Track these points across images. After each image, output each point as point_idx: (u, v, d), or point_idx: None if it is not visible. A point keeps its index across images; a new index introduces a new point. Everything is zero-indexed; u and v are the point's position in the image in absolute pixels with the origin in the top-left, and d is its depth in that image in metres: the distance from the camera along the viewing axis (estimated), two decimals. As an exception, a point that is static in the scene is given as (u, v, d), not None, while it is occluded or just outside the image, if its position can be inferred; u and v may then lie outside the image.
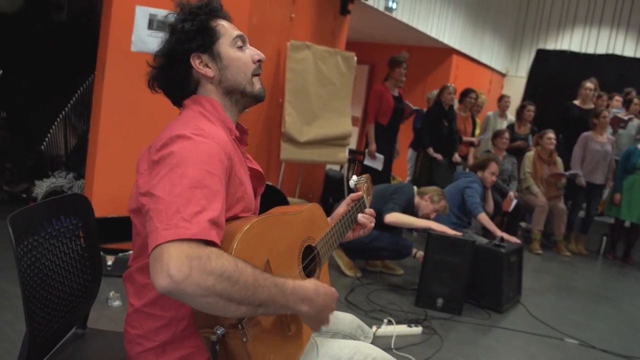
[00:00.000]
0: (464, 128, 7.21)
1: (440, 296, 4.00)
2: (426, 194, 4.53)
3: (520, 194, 6.63)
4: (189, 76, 1.45)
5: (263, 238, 1.30)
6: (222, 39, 1.46)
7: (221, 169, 1.25)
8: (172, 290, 1.07)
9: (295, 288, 1.25)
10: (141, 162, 1.37)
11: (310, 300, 1.28)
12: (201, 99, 1.44)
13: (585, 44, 10.72)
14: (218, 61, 1.45)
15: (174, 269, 1.06)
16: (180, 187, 1.16)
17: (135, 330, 1.38)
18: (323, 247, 1.57)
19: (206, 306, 1.11)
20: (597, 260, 6.82)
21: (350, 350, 1.52)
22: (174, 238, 1.09)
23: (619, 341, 3.98)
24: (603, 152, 6.64)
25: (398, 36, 8.83)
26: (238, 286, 1.12)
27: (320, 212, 1.61)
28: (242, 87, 1.47)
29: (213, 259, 1.10)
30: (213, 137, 1.29)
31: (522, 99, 10.24)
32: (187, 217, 1.12)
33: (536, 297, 4.74)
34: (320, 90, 5.45)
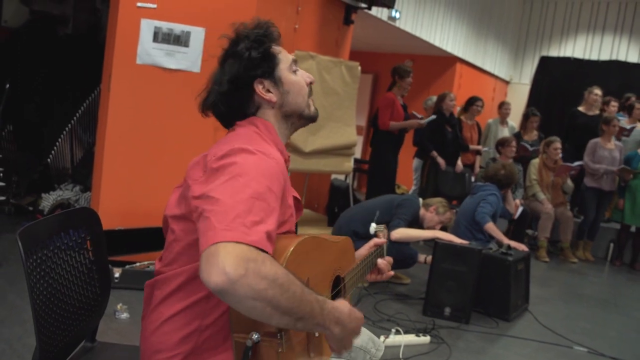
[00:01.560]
0: (470, 136, 7.22)
1: (447, 305, 3.99)
2: (431, 206, 4.53)
3: (526, 201, 6.62)
4: (250, 101, 1.48)
5: (308, 256, 1.33)
6: (281, 64, 1.49)
7: (279, 189, 1.27)
8: (225, 288, 1.06)
9: (334, 308, 1.25)
10: (193, 170, 1.36)
11: (344, 323, 1.28)
12: (256, 121, 1.47)
13: (589, 51, 10.72)
14: (280, 86, 1.48)
15: (230, 268, 1.05)
16: (243, 194, 1.17)
17: (156, 346, 1.38)
18: (350, 281, 1.60)
19: (252, 310, 1.10)
20: (605, 266, 6.79)
21: None
22: (235, 240, 1.09)
23: (628, 348, 3.95)
24: (611, 159, 6.62)
25: (402, 45, 8.86)
26: (287, 295, 1.12)
27: (352, 246, 1.66)
28: (302, 110, 1.51)
29: (268, 263, 1.10)
30: (274, 156, 1.31)
31: (526, 106, 10.23)
32: (248, 224, 1.13)
33: (544, 305, 4.72)
34: (324, 100, 5.46)
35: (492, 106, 10.20)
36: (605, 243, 7.10)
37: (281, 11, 5.01)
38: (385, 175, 6.21)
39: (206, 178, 1.27)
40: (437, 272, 4.04)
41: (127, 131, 3.99)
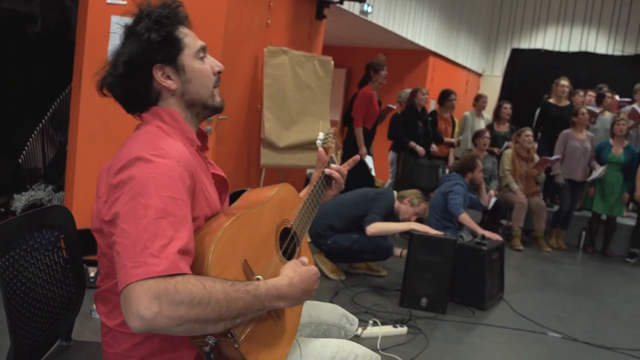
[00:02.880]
0: (445, 129, 7.29)
1: (424, 296, 4.04)
2: (406, 198, 4.57)
3: (499, 192, 6.71)
4: (149, 87, 1.41)
5: (236, 240, 1.31)
6: (186, 50, 1.41)
7: (184, 191, 1.24)
8: (146, 329, 1.09)
9: (269, 289, 1.26)
10: (100, 183, 1.34)
11: (285, 296, 1.29)
12: (160, 111, 1.41)
13: (559, 42, 10.89)
14: (182, 74, 1.40)
15: (143, 309, 1.07)
16: (146, 219, 1.15)
17: (113, 349, 1.38)
18: (299, 225, 1.58)
19: (184, 333, 1.13)
20: (577, 254, 6.93)
21: (332, 349, 1.53)
22: (144, 277, 1.09)
23: (601, 333, 4.05)
24: (583, 149, 6.75)
25: (374, 39, 8.89)
26: (211, 306, 1.13)
27: (290, 191, 1.61)
28: (205, 100, 1.45)
29: (180, 289, 1.10)
30: (173, 155, 1.27)
31: (499, 98, 10.35)
32: (155, 252, 1.12)
33: (519, 293, 4.80)
34: (298, 94, 5.46)
35: (465, 99, 10.32)
36: (577, 231, 7.23)
37: (253, 6, 4.99)
38: (361, 169, 6.24)
39: (109, 196, 1.25)
40: (413, 263, 4.09)
41: (99, 129, 3.95)
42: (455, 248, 4.10)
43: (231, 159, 4.98)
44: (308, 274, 1.37)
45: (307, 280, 1.36)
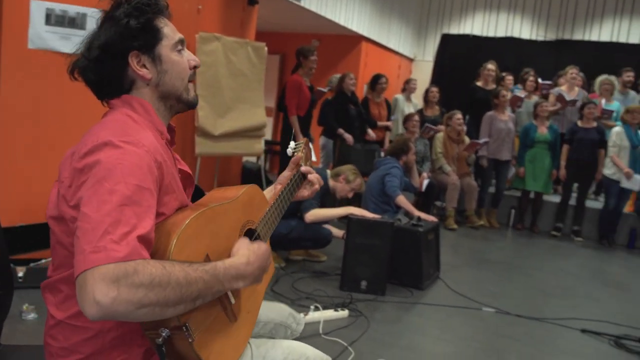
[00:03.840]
0: (379, 113, 7.38)
1: (363, 279, 4.09)
2: (341, 175, 4.60)
3: (433, 174, 6.88)
4: (123, 74, 1.37)
5: (200, 234, 1.29)
6: (164, 41, 1.38)
7: (152, 181, 1.21)
8: (103, 316, 1.05)
9: (227, 268, 1.24)
10: (63, 168, 1.28)
11: (244, 275, 1.28)
12: (132, 100, 1.37)
13: (486, 28, 11.21)
14: (158, 64, 1.38)
15: (100, 295, 1.03)
16: (110, 204, 1.11)
17: (59, 342, 1.32)
18: (264, 227, 1.58)
19: (143, 317, 1.09)
20: (508, 231, 7.21)
21: (283, 351, 1.53)
22: (104, 262, 1.06)
23: (531, 306, 4.23)
24: (507, 130, 7.02)
25: (307, 25, 8.87)
26: (171, 287, 1.10)
27: (258, 192, 1.61)
28: (179, 93, 1.42)
29: (140, 270, 1.07)
30: (143, 144, 1.23)
31: (430, 82, 10.57)
32: (117, 238, 1.09)
33: (454, 272, 4.95)
34: (232, 82, 5.39)
35: (398, 83, 10.47)
36: (507, 209, 7.52)
37: (182, -9, 4.87)
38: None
39: (73, 180, 1.21)
40: (352, 247, 4.13)
41: (24, 121, 3.76)
42: (393, 230, 4.18)
43: (165, 149, 4.87)
44: (261, 250, 1.37)
45: (262, 256, 1.36)
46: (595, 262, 6.03)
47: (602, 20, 10.45)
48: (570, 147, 6.90)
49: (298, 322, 1.90)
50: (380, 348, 3.17)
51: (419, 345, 3.31)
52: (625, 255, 6.53)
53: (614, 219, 6.88)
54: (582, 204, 7.06)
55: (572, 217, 7.15)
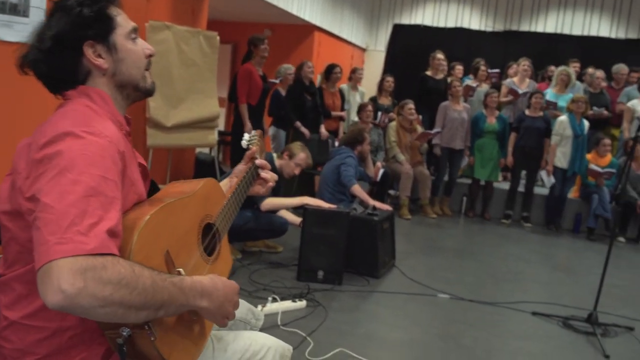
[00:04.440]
0: (333, 103, 7.39)
1: (320, 268, 4.11)
2: (285, 152, 4.58)
3: (387, 163, 6.94)
4: (78, 65, 1.32)
5: (160, 230, 1.26)
6: (119, 30, 1.35)
7: (115, 172, 1.18)
8: (66, 306, 1.00)
9: (194, 283, 1.22)
10: (18, 160, 1.23)
11: (209, 294, 1.26)
12: (89, 91, 1.32)
13: (437, 18, 11.36)
14: (114, 53, 1.34)
15: (66, 283, 0.99)
16: (74, 195, 1.07)
17: (12, 344, 1.26)
18: (222, 222, 1.56)
19: (104, 317, 1.06)
20: (460, 219, 7.36)
21: (245, 342, 1.52)
22: (72, 254, 1.02)
23: (484, 291, 4.34)
24: (460, 120, 7.14)
25: (260, 14, 8.78)
26: (137, 291, 1.07)
27: (216, 186, 1.59)
28: (136, 82, 1.39)
29: (109, 267, 1.04)
30: (106, 135, 1.20)
31: (382, 72, 10.65)
32: (84, 230, 1.05)
33: (409, 259, 5.02)
34: (184, 72, 5.29)
35: (351, 73, 10.52)
36: (459, 197, 7.68)
37: (131, -21, 4.74)
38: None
39: (30, 171, 1.16)
40: (308, 237, 4.14)
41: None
42: (349, 220, 4.20)
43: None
44: (230, 282, 1.35)
45: (230, 286, 1.34)
46: (543, 247, 6.23)
47: (547, 12, 10.75)
48: (517, 135, 7.09)
49: (257, 318, 1.89)
50: (338, 337, 3.19)
51: (377, 333, 3.35)
52: (571, 239, 6.77)
53: (560, 204, 7.12)
54: (530, 191, 7.27)
55: (521, 204, 7.35)
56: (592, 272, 5.14)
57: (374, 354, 3.01)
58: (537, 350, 3.35)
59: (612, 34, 10.44)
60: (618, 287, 4.76)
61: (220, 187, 1.62)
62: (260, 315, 1.91)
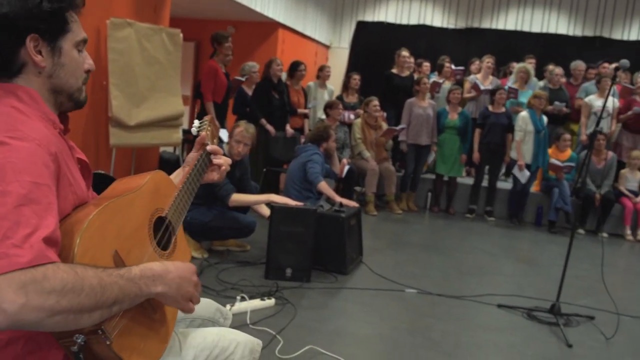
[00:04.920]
0: (297, 100, 7.38)
1: (288, 266, 4.10)
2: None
3: (352, 160, 6.97)
4: (15, 54, 1.25)
5: (105, 230, 1.22)
6: (69, 35, 1.30)
7: (48, 176, 1.13)
8: (11, 324, 0.97)
9: (143, 271, 1.20)
10: None
11: (161, 277, 1.24)
12: (17, 90, 1.25)
13: (400, 15, 11.45)
14: (56, 56, 1.28)
15: (6, 302, 0.96)
16: (5, 207, 1.03)
17: None
18: (174, 214, 1.51)
19: (56, 326, 1.03)
20: (425, 214, 7.44)
21: (214, 338, 1.50)
22: (7, 270, 0.98)
23: (450, 284, 4.40)
24: (425, 116, 7.22)
25: (223, 11, 8.71)
26: (85, 293, 1.04)
27: (164, 178, 1.54)
28: (72, 92, 1.34)
29: (50, 275, 1.01)
30: (34, 138, 1.14)
31: (347, 69, 10.68)
32: (19, 242, 1.01)
33: (376, 255, 5.05)
34: (146, 70, 5.21)
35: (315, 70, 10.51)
36: (424, 193, 7.76)
37: (90, -25, 4.64)
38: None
39: None
40: (276, 235, 4.12)
41: None
42: (316, 217, 4.20)
43: (77, 141, 4.64)
44: (183, 264, 1.33)
45: (183, 267, 1.31)
46: (506, 240, 6.35)
47: (507, 9, 10.95)
48: (482, 131, 7.20)
49: (225, 317, 1.87)
50: (308, 335, 3.19)
51: (346, 329, 3.36)
52: (533, 232, 6.92)
53: (522, 198, 7.27)
54: (493, 186, 7.40)
55: (484, 199, 7.48)
56: (554, 264, 5.27)
57: (343, 351, 3.02)
58: (503, 341, 3.42)
59: (570, 32, 10.70)
60: (579, 277, 4.89)
61: (169, 178, 1.58)
62: (229, 315, 1.89)
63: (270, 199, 4.31)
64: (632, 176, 7.21)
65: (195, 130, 1.78)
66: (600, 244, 5.90)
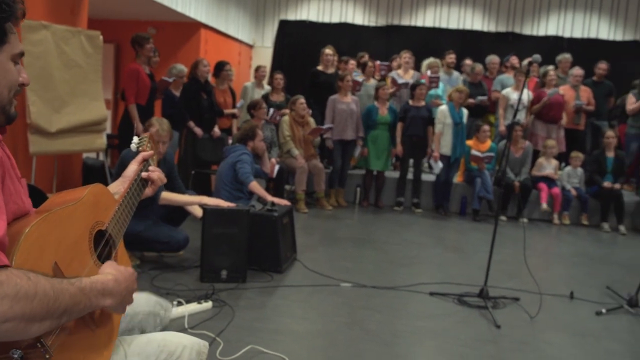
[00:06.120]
0: (224, 101, 7.33)
1: (223, 268, 4.08)
2: None
3: (281, 159, 7.00)
4: None
5: (44, 242, 1.20)
6: (6, 47, 1.26)
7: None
8: None
9: (93, 282, 1.19)
10: None
11: (111, 292, 1.24)
12: None
13: (322, 14, 11.56)
14: None
15: None
16: None
17: None
18: (115, 227, 1.51)
19: (6, 333, 1.01)
20: (355, 209, 7.57)
21: (159, 343, 1.50)
22: None
23: (383, 277, 4.52)
24: (349, 111, 7.35)
25: (143, 12, 8.50)
26: (38, 299, 1.03)
27: (104, 191, 1.53)
28: (3, 104, 1.30)
29: (3, 280, 0.99)
30: None
31: (271, 68, 10.68)
32: None
33: (310, 252, 5.11)
34: (66, 74, 5.03)
35: (239, 70, 10.47)
36: (353, 188, 7.90)
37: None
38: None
39: None
40: (209, 237, 4.10)
41: None
42: (249, 217, 4.21)
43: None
44: (128, 272, 1.34)
45: (129, 278, 1.33)
46: (434, 230, 6.57)
47: (425, 7, 11.29)
48: (403, 125, 7.41)
49: (166, 309, 1.87)
50: (248, 335, 3.20)
51: (286, 327, 3.39)
52: (459, 221, 7.20)
53: (446, 189, 7.54)
54: (418, 178, 7.63)
55: (411, 191, 7.70)
56: (480, 250, 5.51)
57: (284, 348, 3.05)
58: (437, 327, 3.55)
59: (485, 28, 11.17)
60: (503, 262, 5.13)
61: (109, 191, 1.57)
62: (169, 306, 1.90)
63: (202, 200, 4.27)
64: (547, 164, 7.63)
65: (134, 146, 1.78)
66: (522, 228, 6.21)
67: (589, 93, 8.08)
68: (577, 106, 7.92)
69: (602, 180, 7.36)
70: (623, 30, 10.89)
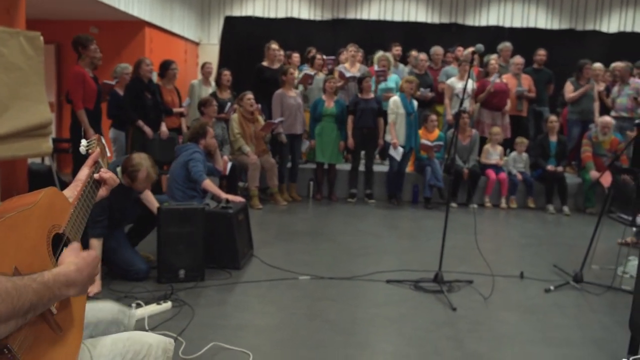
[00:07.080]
0: (171, 100, 7.23)
1: (181, 267, 4.06)
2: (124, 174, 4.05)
3: (233, 156, 6.97)
4: None
5: (3, 246, 1.19)
6: None
7: None
8: None
9: (56, 275, 1.20)
10: None
11: (74, 282, 1.25)
12: None
13: (267, 10, 11.53)
14: None
15: None
16: None
17: None
18: (72, 230, 1.50)
19: None
20: (309, 202, 7.62)
21: (125, 343, 1.50)
22: None
23: (340, 267, 4.58)
24: (296, 105, 7.39)
25: (84, 11, 8.27)
26: (1, 298, 1.03)
27: (58, 194, 1.52)
28: None
29: None
30: None
31: (218, 65, 10.58)
32: None
33: (266, 247, 5.13)
34: (5, 77, 4.86)
35: (186, 68, 10.35)
36: (305, 182, 7.94)
37: None
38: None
39: None
40: (165, 237, 4.07)
41: None
42: (204, 216, 4.19)
43: None
44: (90, 257, 1.34)
45: (91, 263, 1.33)
46: (388, 220, 6.69)
47: (370, 0, 11.40)
48: (354, 117, 7.50)
49: (130, 316, 1.87)
50: (210, 332, 3.20)
51: (247, 322, 3.41)
52: (411, 210, 7.35)
53: (399, 179, 7.67)
54: (370, 169, 7.74)
55: (363, 182, 7.80)
56: (433, 237, 5.64)
57: (247, 343, 3.07)
58: (394, 313, 3.64)
59: (429, 19, 11.37)
60: (456, 247, 5.28)
61: (63, 194, 1.57)
62: (132, 314, 1.89)
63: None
64: (493, 150, 7.86)
65: (84, 149, 1.77)
66: (472, 214, 6.40)
67: (530, 80, 8.38)
68: (519, 93, 8.19)
69: (546, 164, 7.64)
70: (559, 19, 11.29)
